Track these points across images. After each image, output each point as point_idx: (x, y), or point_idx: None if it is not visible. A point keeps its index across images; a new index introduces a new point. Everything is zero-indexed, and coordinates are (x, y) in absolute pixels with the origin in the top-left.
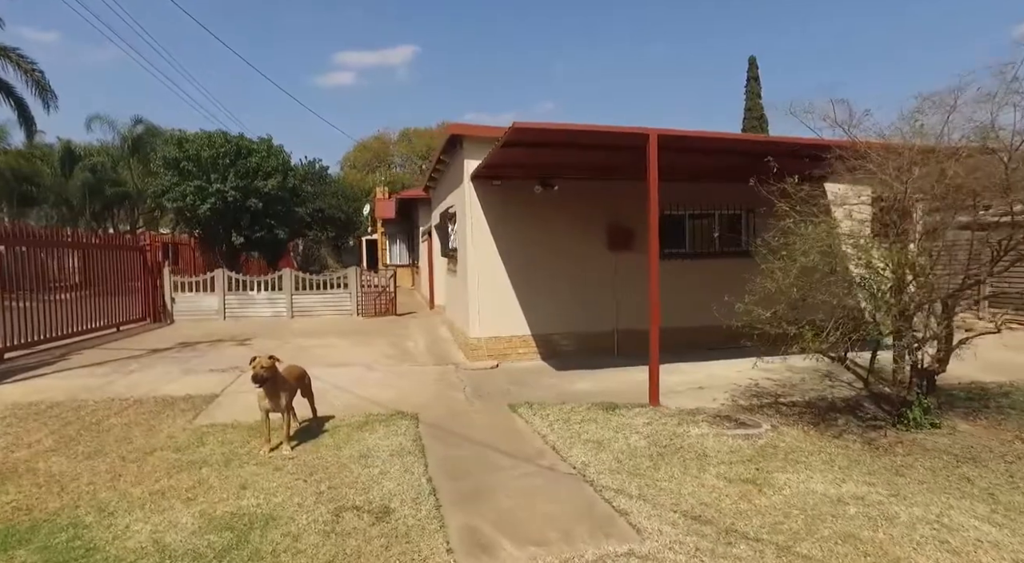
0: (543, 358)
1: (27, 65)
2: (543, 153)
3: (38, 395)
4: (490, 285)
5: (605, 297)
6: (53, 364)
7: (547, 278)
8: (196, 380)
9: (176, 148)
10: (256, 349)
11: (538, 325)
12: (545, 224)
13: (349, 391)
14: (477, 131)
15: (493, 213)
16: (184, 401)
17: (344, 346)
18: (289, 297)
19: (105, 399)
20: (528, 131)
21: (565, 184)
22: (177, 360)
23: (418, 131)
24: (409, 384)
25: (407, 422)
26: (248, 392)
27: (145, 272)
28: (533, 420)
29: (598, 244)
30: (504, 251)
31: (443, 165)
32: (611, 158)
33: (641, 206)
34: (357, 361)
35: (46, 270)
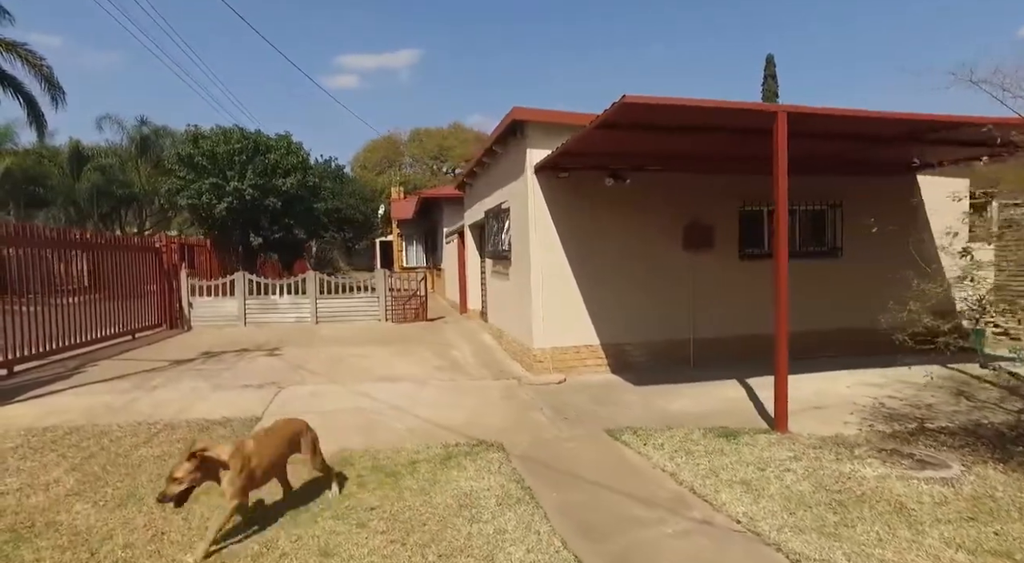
0: (613, 371)
1: (36, 60)
2: (632, 138)
3: (54, 417)
4: (555, 290)
5: (680, 302)
6: (69, 378)
7: (616, 281)
8: (230, 398)
9: (191, 144)
10: (287, 359)
11: (607, 334)
12: (614, 221)
13: (409, 412)
14: (544, 116)
15: (559, 209)
16: (223, 426)
17: (384, 356)
18: (314, 302)
19: (131, 423)
20: (638, 108)
21: (637, 177)
22: (203, 373)
23: (428, 131)
24: (475, 403)
25: (496, 455)
26: (297, 414)
27: (161, 275)
28: (647, 451)
29: (672, 243)
30: (571, 251)
31: (491, 158)
32: (707, 145)
33: (722, 201)
34: (405, 374)
35: (56, 273)
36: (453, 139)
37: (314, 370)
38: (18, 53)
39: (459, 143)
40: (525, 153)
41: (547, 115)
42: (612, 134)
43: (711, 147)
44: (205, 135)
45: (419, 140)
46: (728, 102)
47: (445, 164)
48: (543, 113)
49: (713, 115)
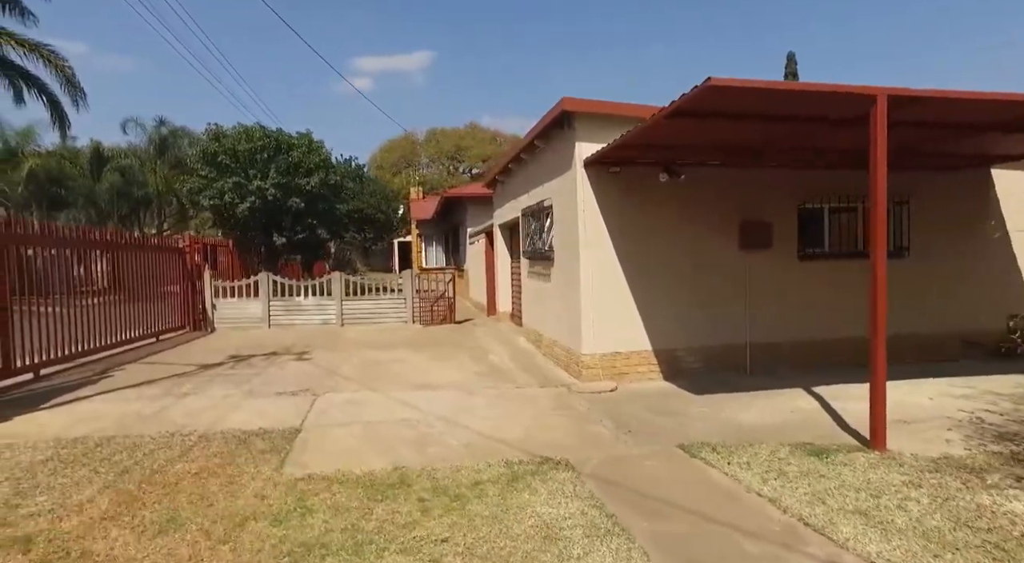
0: (665, 378)
1: (58, 61)
2: (698, 128)
3: (84, 426)
4: (605, 292)
5: (735, 305)
6: (96, 383)
7: (668, 283)
8: (264, 407)
9: (214, 142)
10: (319, 364)
11: (659, 339)
12: (665, 219)
13: (459, 424)
14: (595, 107)
15: (609, 206)
16: (260, 438)
17: (419, 361)
18: (339, 303)
19: (163, 434)
20: (724, 92)
21: (690, 172)
22: (234, 379)
23: (445, 131)
24: (527, 414)
25: (565, 475)
26: (339, 426)
27: (184, 276)
28: (733, 472)
29: (727, 242)
30: (621, 251)
31: (530, 154)
32: (775, 135)
33: (779, 197)
34: (445, 381)
35: (78, 273)
36: (470, 139)
37: (348, 376)
38: (41, 54)
39: (476, 143)
40: (573, 147)
41: (598, 106)
42: (679, 124)
43: (777, 139)
44: (227, 133)
45: (436, 140)
46: (821, 85)
47: (462, 164)
48: (594, 104)
49: (802, 100)
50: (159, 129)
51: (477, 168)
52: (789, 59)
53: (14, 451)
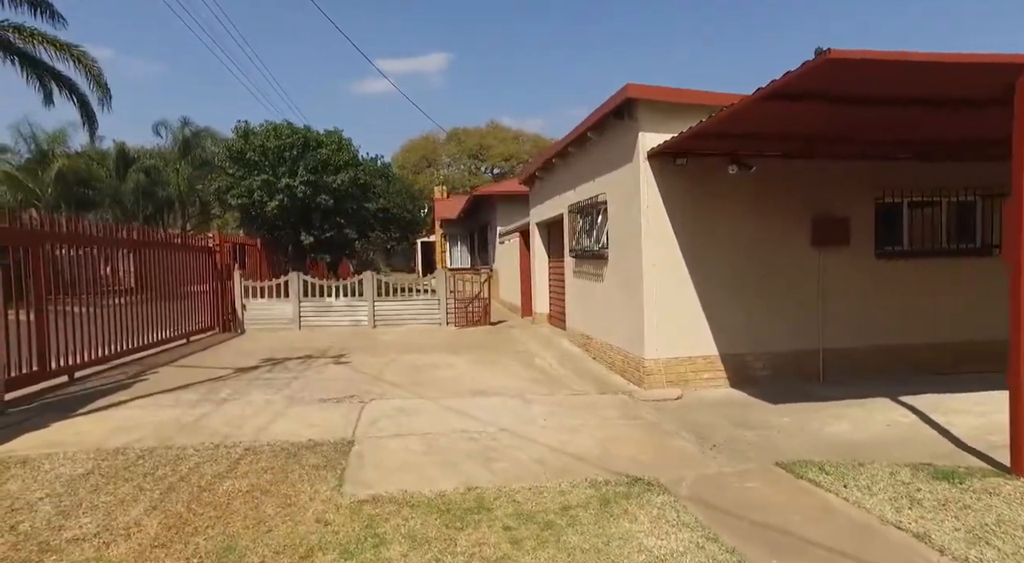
0: (732, 385)
1: (88, 61)
2: (788, 112)
3: (123, 435)
4: (669, 293)
5: (806, 306)
6: (130, 387)
7: (736, 283)
8: (309, 415)
9: (242, 140)
10: (358, 368)
11: (725, 343)
12: (732, 214)
13: (525, 437)
14: (662, 94)
15: (674, 201)
16: (311, 450)
17: (463, 365)
18: (371, 304)
19: (207, 445)
20: (846, 64)
21: (760, 164)
22: (272, 384)
23: (467, 130)
24: (595, 425)
25: (662, 498)
26: (394, 437)
27: (214, 276)
28: (855, 497)
29: (798, 239)
30: (687, 249)
31: (579, 147)
32: (871, 121)
33: (855, 191)
34: (496, 387)
35: (108, 273)
36: (492, 138)
37: (392, 381)
38: (72, 54)
39: (498, 142)
40: (636, 137)
41: (665, 93)
42: (770, 108)
43: (868, 125)
44: (255, 130)
45: (457, 139)
46: (961, 55)
47: (484, 164)
48: (660, 91)
49: (936, 74)
50: (183, 129)
51: (499, 168)
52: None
53: (53, 462)
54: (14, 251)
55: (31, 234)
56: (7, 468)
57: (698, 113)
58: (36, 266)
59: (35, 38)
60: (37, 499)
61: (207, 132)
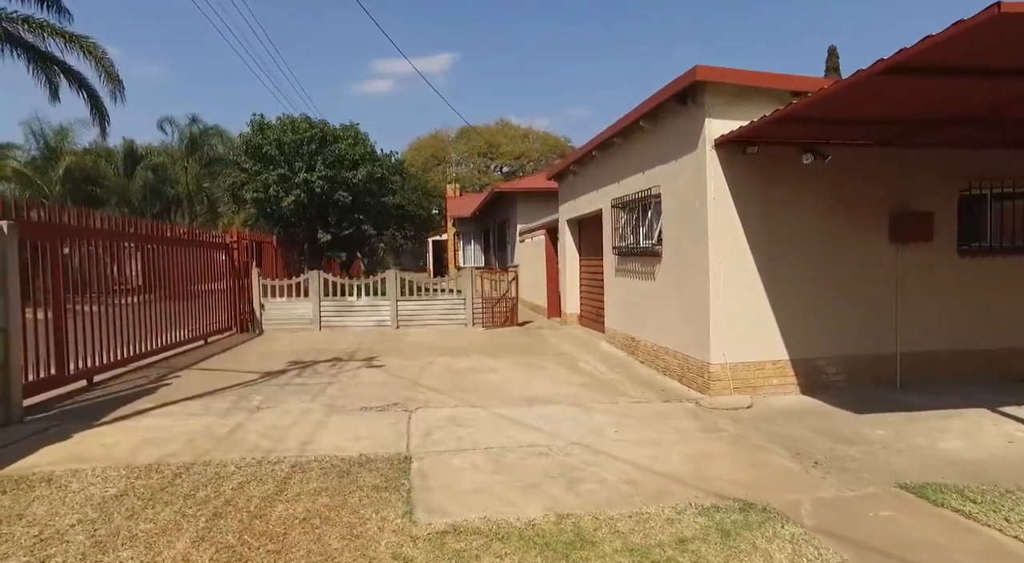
0: (803, 391)
1: (98, 53)
2: (900, 90)
3: (154, 449)
4: (735, 293)
5: (882, 307)
6: (153, 392)
7: (807, 282)
8: (354, 425)
9: (258, 133)
10: (393, 372)
11: (796, 346)
12: (804, 207)
13: (601, 452)
14: (735, 77)
15: (742, 193)
16: (365, 468)
17: (505, 369)
18: (394, 304)
19: (248, 461)
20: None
21: (835, 152)
22: (306, 390)
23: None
24: (672, 438)
25: (789, 529)
26: (454, 452)
27: (232, 274)
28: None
29: (874, 234)
30: (756, 245)
31: (625, 138)
32: (984, 100)
33: (936, 182)
34: (548, 394)
35: (126, 270)
36: (501, 136)
37: (434, 387)
38: (82, 45)
39: (508, 140)
40: (702, 124)
41: (736, 76)
42: (884, 84)
43: (978, 105)
44: (270, 124)
45: (466, 138)
46: None
47: (493, 162)
48: (731, 73)
49: None
50: (191, 127)
51: (509, 166)
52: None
53: (82, 481)
54: (32, 246)
55: (50, 228)
56: (31, 487)
57: (764, 98)
58: (55, 262)
59: (44, 29)
60: (68, 526)
61: (215, 130)
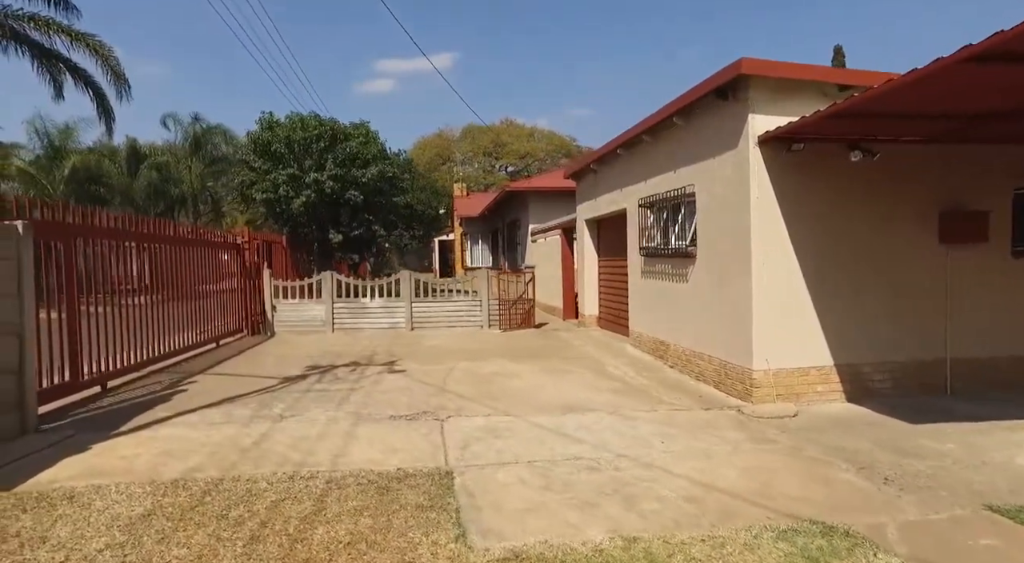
0: (849, 398)
1: (105, 51)
2: (974, 81)
3: (177, 462)
4: (778, 295)
5: (931, 311)
6: (169, 399)
7: (852, 284)
8: (385, 436)
9: (267, 131)
10: (416, 377)
11: (841, 351)
12: (848, 206)
13: (652, 465)
14: (779, 70)
15: (786, 191)
16: (405, 484)
17: (531, 374)
18: (408, 305)
19: (280, 476)
20: None
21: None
22: (328, 397)
23: (481, 128)
24: (725, 450)
25: (886, 559)
26: (497, 466)
27: (243, 275)
28: None
29: (922, 234)
30: (800, 246)
31: (655, 135)
32: None
33: (988, 179)
34: (582, 401)
35: (136, 270)
36: (506, 135)
37: (462, 394)
38: (88, 43)
39: (513, 139)
40: (744, 120)
41: (784, 69)
42: (963, 73)
43: None
44: (280, 122)
45: (471, 137)
46: None
47: (499, 161)
48: (778, 66)
49: None
50: (194, 125)
51: (514, 165)
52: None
53: (105, 499)
54: (45, 246)
55: (64, 227)
56: (53, 506)
57: (808, 92)
58: (69, 263)
59: (50, 27)
60: (96, 551)
61: (219, 129)
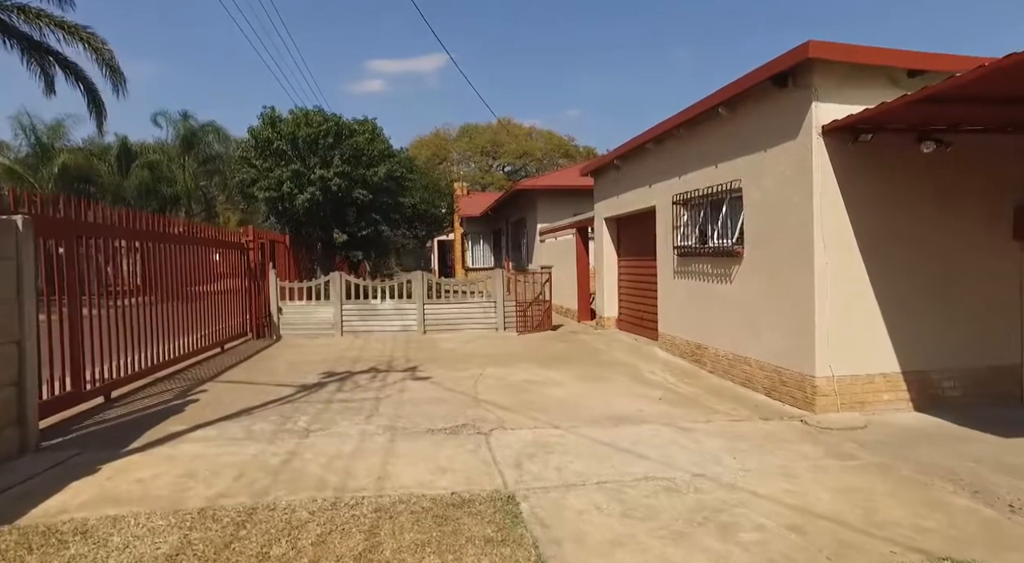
0: (917, 407)
1: (97, 43)
2: None
3: (202, 486)
4: (844, 297)
5: (1004, 312)
6: (182, 411)
7: (917, 284)
8: (429, 453)
9: (269, 127)
10: (443, 384)
11: (909, 357)
12: (913, 200)
13: (737, 487)
14: (849, 54)
15: (850, 185)
16: (464, 511)
17: (567, 381)
18: (421, 307)
19: (320, 504)
20: None
21: (954, 140)
22: (354, 407)
23: (478, 127)
24: (805, 467)
25: None
26: (564, 488)
27: (248, 276)
28: None
29: (993, 231)
30: (864, 244)
31: (691, 129)
32: None
33: None
34: (630, 412)
35: (131, 271)
36: (505, 134)
37: (499, 403)
38: (80, 36)
39: (511, 138)
40: (807, 109)
41: (855, 53)
42: None
43: None
44: (282, 117)
45: (468, 136)
46: None
47: (496, 161)
48: (850, 50)
49: None
50: (186, 122)
51: (511, 165)
52: None
53: (123, 533)
54: (46, 245)
55: (67, 224)
56: (64, 543)
57: (875, 78)
58: (71, 263)
59: (41, 19)
60: None
61: (211, 127)
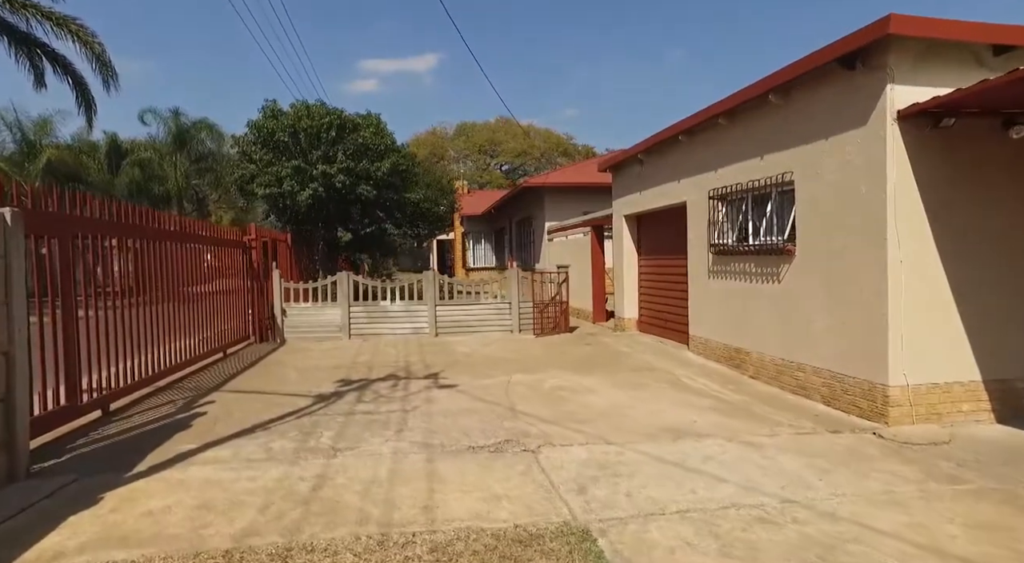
0: (999, 419)
1: (87, 37)
2: None
3: (223, 521)
4: (918, 298)
5: None
6: (188, 425)
7: (999, 284)
8: (476, 476)
9: (271, 120)
10: (471, 393)
11: (990, 364)
12: (995, 192)
13: (838, 517)
14: (932, 29)
15: (927, 176)
16: (535, 550)
17: (601, 388)
18: (432, 309)
19: (366, 543)
20: None
21: None
22: (379, 420)
23: (475, 125)
24: (909, 494)
25: None
26: (642, 519)
27: (250, 276)
28: None
29: None
30: (942, 241)
31: (731, 118)
32: None
33: None
34: (683, 423)
35: (129, 271)
36: (502, 133)
37: (537, 415)
38: (69, 29)
39: (509, 137)
40: (881, 92)
41: (936, 28)
42: None
43: None
44: (283, 111)
45: (466, 134)
46: None
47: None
48: (933, 24)
49: None
50: (176, 119)
51: (509, 163)
52: None
53: None
54: (37, 243)
55: (61, 219)
56: None
57: (955, 56)
58: (65, 263)
59: (28, 9)
60: None
61: (204, 123)
